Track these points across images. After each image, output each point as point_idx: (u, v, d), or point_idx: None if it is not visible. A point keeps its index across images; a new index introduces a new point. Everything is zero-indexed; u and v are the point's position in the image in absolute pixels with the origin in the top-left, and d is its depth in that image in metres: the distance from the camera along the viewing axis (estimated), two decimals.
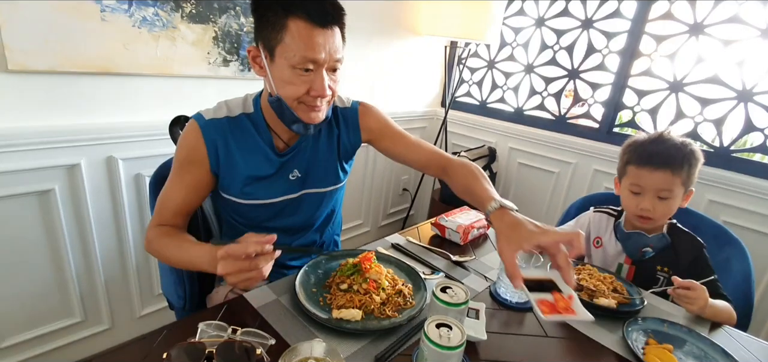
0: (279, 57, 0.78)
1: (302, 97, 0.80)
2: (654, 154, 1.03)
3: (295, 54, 0.76)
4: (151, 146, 1.40)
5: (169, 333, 0.69)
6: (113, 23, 1.22)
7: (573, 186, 2.19)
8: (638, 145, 1.08)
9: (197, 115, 0.86)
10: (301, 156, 0.94)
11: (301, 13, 0.74)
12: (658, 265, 1.09)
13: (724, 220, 1.71)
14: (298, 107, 0.82)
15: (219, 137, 0.85)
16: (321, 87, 0.79)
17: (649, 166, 1.04)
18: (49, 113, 1.20)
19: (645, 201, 1.05)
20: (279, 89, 0.81)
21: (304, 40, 0.75)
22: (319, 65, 0.78)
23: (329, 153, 0.99)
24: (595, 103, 2.12)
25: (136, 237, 1.50)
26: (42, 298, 1.34)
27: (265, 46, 0.79)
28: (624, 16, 1.95)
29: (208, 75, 1.49)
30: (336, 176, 1.01)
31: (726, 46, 1.69)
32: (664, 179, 1.02)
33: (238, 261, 0.67)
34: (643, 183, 1.05)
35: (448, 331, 0.60)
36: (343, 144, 1.01)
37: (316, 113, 0.84)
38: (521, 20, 2.32)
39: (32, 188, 1.21)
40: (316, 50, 0.76)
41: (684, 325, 0.85)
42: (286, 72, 0.78)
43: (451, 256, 1.08)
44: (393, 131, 1.04)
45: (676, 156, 1.02)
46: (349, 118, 1.01)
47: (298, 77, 0.78)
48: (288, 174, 0.93)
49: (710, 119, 1.78)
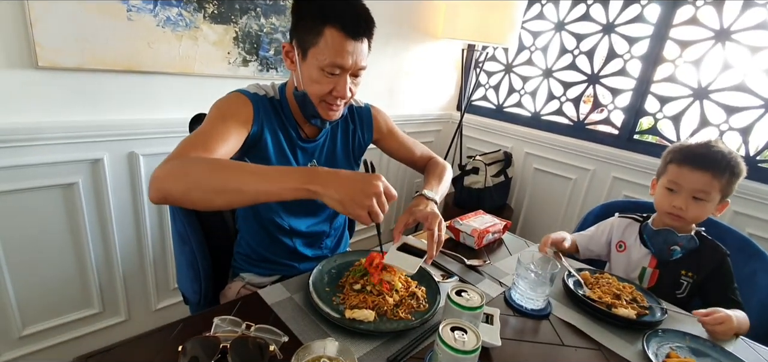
0: (311, 57, 0.84)
1: (325, 96, 0.88)
2: (697, 155, 1.03)
3: (325, 58, 0.83)
4: (171, 143, 1.41)
5: (185, 327, 0.70)
6: (138, 23, 1.25)
7: (590, 194, 2.15)
8: (684, 146, 1.08)
9: (239, 89, 0.92)
10: (319, 149, 1.02)
11: (337, 24, 0.81)
12: (683, 270, 1.08)
13: (750, 233, 1.66)
14: (320, 104, 0.90)
15: (262, 110, 0.91)
16: (343, 89, 0.87)
17: (690, 164, 1.03)
18: (75, 109, 1.23)
19: (679, 199, 1.04)
20: (306, 85, 0.88)
21: (336, 48, 0.82)
22: (345, 70, 0.85)
23: (344, 148, 1.07)
24: (616, 109, 2.08)
25: (154, 232, 1.53)
26: (63, 288, 1.38)
27: (299, 44, 0.86)
28: (647, 21, 1.90)
29: (228, 75, 1.52)
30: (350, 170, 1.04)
31: (754, 53, 1.64)
32: (702, 180, 1.01)
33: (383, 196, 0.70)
34: (681, 181, 1.04)
35: (463, 335, 0.59)
36: (358, 140, 1.09)
37: (334, 112, 0.91)
38: (540, 24, 2.30)
39: (57, 181, 1.25)
40: (345, 58, 0.83)
41: (707, 339, 0.82)
42: (314, 72, 0.85)
43: (465, 260, 1.07)
44: (397, 133, 1.17)
45: (719, 161, 1.01)
46: (363, 117, 1.10)
47: (325, 78, 0.85)
48: (307, 162, 1.00)
49: (736, 128, 1.73)
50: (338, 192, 0.66)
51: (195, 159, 0.73)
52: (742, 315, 0.91)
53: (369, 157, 0.93)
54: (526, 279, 0.88)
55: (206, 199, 0.69)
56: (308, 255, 1.05)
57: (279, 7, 1.57)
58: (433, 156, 1.21)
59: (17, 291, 1.28)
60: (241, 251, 1.05)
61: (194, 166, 0.70)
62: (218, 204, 0.71)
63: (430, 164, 1.18)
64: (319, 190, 0.67)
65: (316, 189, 0.67)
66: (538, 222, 2.40)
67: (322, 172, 0.69)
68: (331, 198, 0.67)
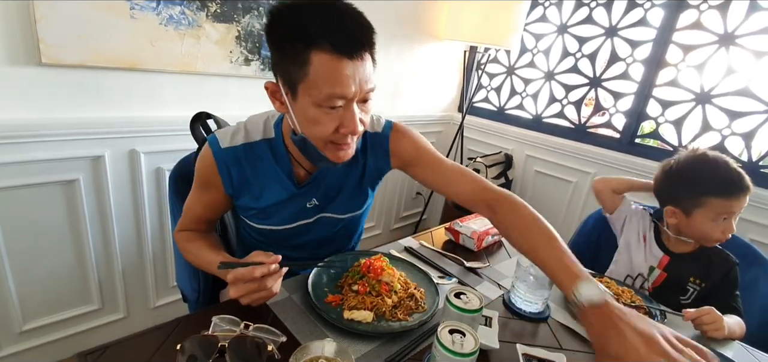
0: (302, 94, 0.68)
1: (330, 135, 0.71)
2: (736, 181, 1.03)
3: (320, 91, 0.66)
4: (172, 141, 1.43)
5: (183, 325, 0.70)
6: (142, 21, 1.26)
7: (591, 197, 2.14)
8: (718, 176, 1.05)
9: (213, 138, 0.82)
10: (320, 184, 0.88)
11: (325, 44, 0.64)
12: (692, 277, 1.09)
13: (752, 239, 1.65)
14: (326, 147, 0.74)
15: (233, 165, 0.81)
16: (352, 123, 0.70)
17: (736, 194, 1.03)
18: (77, 106, 1.24)
19: (731, 224, 1.05)
20: (304, 129, 0.72)
21: (331, 75, 0.65)
22: (350, 100, 0.69)
23: (352, 181, 0.92)
24: (617, 113, 2.07)
25: (154, 230, 1.54)
26: (63, 285, 1.38)
27: (286, 81, 0.70)
28: (650, 25, 1.90)
29: (230, 73, 1.52)
30: (358, 203, 0.95)
31: (759, 58, 1.63)
32: (742, 203, 1.04)
33: (247, 284, 0.68)
34: (734, 210, 1.05)
35: (461, 338, 0.59)
36: (369, 171, 0.92)
37: (346, 151, 0.75)
38: (543, 27, 2.29)
39: (58, 177, 1.25)
40: (345, 84, 0.66)
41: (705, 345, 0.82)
42: (310, 110, 0.69)
43: (464, 262, 1.07)
44: (428, 159, 0.91)
45: (746, 178, 1.04)
46: (378, 145, 0.91)
47: (325, 115, 0.69)
48: (305, 202, 0.88)
49: (738, 133, 1.72)
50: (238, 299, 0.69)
51: (183, 249, 0.90)
52: (735, 320, 0.92)
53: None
54: (525, 282, 0.88)
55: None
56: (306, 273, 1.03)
57: None
58: (502, 195, 0.84)
59: (18, 287, 1.29)
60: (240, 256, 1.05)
61: (183, 252, 0.90)
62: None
63: (528, 224, 0.78)
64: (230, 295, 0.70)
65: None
66: None
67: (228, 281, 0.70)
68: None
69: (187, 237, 0.90)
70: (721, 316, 0.88)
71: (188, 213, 0.90)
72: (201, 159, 0.84)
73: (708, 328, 0.87)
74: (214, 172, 0.82)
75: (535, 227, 0.76)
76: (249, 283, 0.68)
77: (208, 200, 0.88)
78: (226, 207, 0.93)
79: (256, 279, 0.68)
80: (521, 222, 0.79)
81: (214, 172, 0.82)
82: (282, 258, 0.72)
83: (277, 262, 0.70)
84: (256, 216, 0.89)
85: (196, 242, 0.88)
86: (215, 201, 0.88)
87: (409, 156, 0.92)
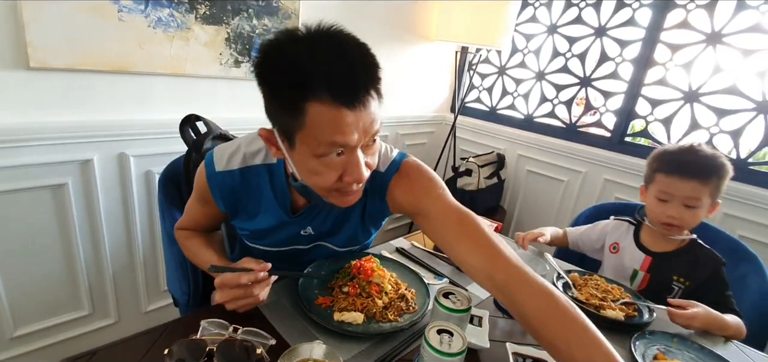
0: (300, 144, 0.62)
1: (334, 184, 0.65)
2: (684, 163, 1.04)
3: (319, 142, 0.60)
4: (162, 144, 1.42)
5: (171, 330, 0.70)
6: (130, 23, 1.25)
7: (582, 196, 2.16)
8: (669, 154, 1.08)
9: (209, 158, 0.78)
10: (315, 215, 0.83)
11: (323, 94, 0.56)
12: (675, 275, 1.09)
13: (741, 235, 1.67)
14: (330, 195, 0.68)
15: (226, 189, 0.79)
16: (356, 172, 0.63)
17: (678, 174, 1.04)
18: (65, 110, 1.23)
19: (671, 208, 1.05)
20: (304, 177, 0.67)
21: (331, 126, 0.58)
22: (353, 148, 0.62)
23: (351, 217, 0.86)
24: (607, 112, 2.09)
25: (145, 234, 1.53)
26: (53, 290, 1.37)
27: (281, 131, 0.64)
28: (639, 24, 1.92)
29: (220, 75, 1.51)
30: (357, 239, 0.91)
31: (746, 56, 1.65)
32: (692, 188, 1.02)
33: (233, 290, 0.68)
34: (671, 191, 1.05)
35: (449, 338, 0.59)
36: (369, 211, 0.85)
37: (352, 197, 0.70)
38: (533, 27, 2.31)
39: (47, 182, 1.24)
40: (347, 134, 0.59)
41: (694, 341, 0.83)
42: (310, 161, 0.63)
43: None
44: (432, 207, 0.75)
45: (706, 166, 1.02)
46: (377, 186, 0.81)
47: (326, 166, 0.63)
48: (299, 230, 0.84)
49: (727, 131, 1.74)
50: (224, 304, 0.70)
51: (182, 245, 0.92)
52: (733, 320, 0.91)
53: None
54: None
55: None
56: None
57: (272, 9, 1.56)
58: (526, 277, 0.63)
59: (9, 292, 1.27)
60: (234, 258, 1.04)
61: (183, 248, 0.92)
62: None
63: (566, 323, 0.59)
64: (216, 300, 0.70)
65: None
66: (531, 224, 2.40)
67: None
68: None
69: (186, 235, 0.92)
70: (703, 312, 0.87)
71: (188, 214, 0.91)
72: (197, 176, 0.83)
73: (693, 324, 0.86)
74: (207, 192, 0.81)
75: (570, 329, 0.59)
76: (235, 289, 0.68)
77: (205, 212, 0.88)
78: (223, 219, 0.93)
79: (242, 286, 0.68)
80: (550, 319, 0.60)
81: (207, 192, 0.81)
82: (272, 268, 0.71)
83: (266, 270, 0.70)
84: (249, 236, 0.88)
85: (194, 239, 0.89)
86: (212, 214, 0.87)
87: (407, 206, 0.79)
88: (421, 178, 0.79)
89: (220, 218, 0.91)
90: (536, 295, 0.61)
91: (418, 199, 0.77)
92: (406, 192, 0.78)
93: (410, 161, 0.81)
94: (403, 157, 0.82)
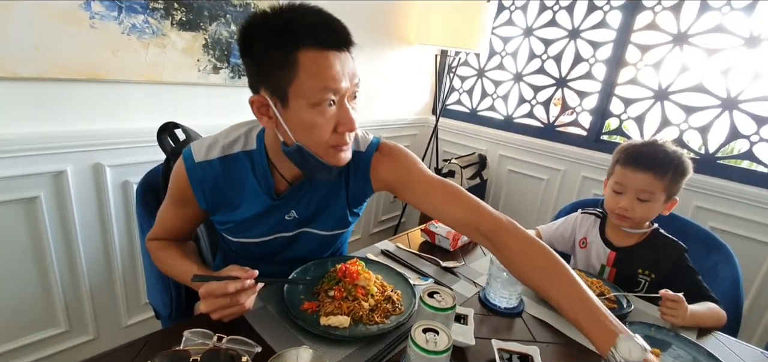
0: (294, 99, 0.67)
1: (330, 137, 0.70)
2: (639, 155, 1.06)
3: (314, 87, 0.66)
4: (139, 153, 1.39)
5: (153, 342, 0.68)
6: (102, 30, 1.22)
7: (562, 193, 2.22)
8: (629, 146, 1.10)
9: (187, 152, 0.78)
10: (299, 198, 0.85)
11: (311, 42, 0.65)
12: (640, 268, 1.11)
13: (712, 226, 1.74)
14: (327, 152, 0.72)
15: (208, 181, 0.78)
16: (349, 119, 0.70)
17: (632, 166, 1.06)
18: (36, 120, 1.18)
19: (625, 200, 1.07)
20: (299, 137, 0.70)
21: (323, 69, 0.66)
22: (342, 95, 0.69)
23: (335, 198, 0.88)
24: (583, 111, 2.15)
25: (123, 246, 1.48)
26: (26, 308, 1.31)
27: (274, 91, 0.68)
28: (610, 26, 1.98)
29: (198, 82, 1.49)
30: (342, 221, 0.92)
31: (710, 55, 1.73)
32: (645, 180, 1.04)
33: (219, 299, 0.67)
34: (625, 182, 1.07)
35: (434, 336, 0.60)
36: (352, 191, 0.88)
37: (346, 152, 0.75)
38: (510, 30, 2.36)
39: (18, 195, 1.20)
40: (337, 78, 0.67)
41: (671, 329, 0.86)
42: (306, 114, 0.68)
43: (440, 262, 1.09)
44: (415, 182, 0.83)
45: (662, 160, 1.03)
46: (359, 165, 0.86)
47: (322, 116, 0.68)
48: (283, 214, 0.85)
49: (695, 127, 1.81)
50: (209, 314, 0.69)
51: (156, 257, 0.87)
52: (707, 305, 0.94)
53: None
54: (498, 279, 0.90)
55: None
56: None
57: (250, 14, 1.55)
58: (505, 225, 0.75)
59: None
60: (217, 266, 1.03)
61: (156, 261, 0.87)
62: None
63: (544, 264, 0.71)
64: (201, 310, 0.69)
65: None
66: None
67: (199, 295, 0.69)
68: None
69: (159, 246, 0.87)
70: (686, 306, 0.89)
71: (161, 224, 0.87)
72: (174, 173, 0.80)
73: (666, 311, 0.89)
74: (187, 188, 0.79)
75: (551, 264, 0.70)
76: (221, 298, 0.67)
77: (183, 214, 0.85)
78: (201, 221, 0.90)
79: (228, 295, 0.67)
80: (534, 256, 0.71)
81: (187, 187, 0.78)
82: (259, 275, 0.71)
83: (252, 278, 0.69)
84: (233, 229, 0.86)
85: (169, 250, 0.85)
86: (190, 215, 0.85)
87: (391, 181, 0.86)
88: (402, 155, 0.86)
89: (198, 220, 0.88)
90: (519, 239, 0.74)
91: (401, 175, 0.84)
92: (390, 169, 0.85)
93: (388, 142, 0.89)
94: (380, 139, 0.89)
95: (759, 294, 1.70)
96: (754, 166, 1.74)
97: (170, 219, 0.86)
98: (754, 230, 1.69)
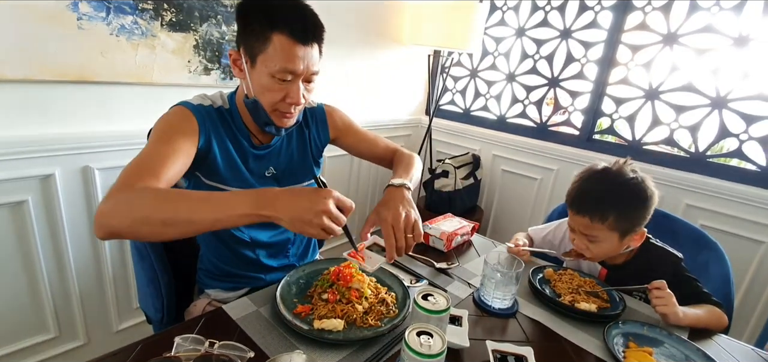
0: (260, 64, 0.82)
1: (278, 104, 0.85)
2: (582, 195, 1.00)
3: (275, 64, 0.80)
4: (129, 155, 1.33)
5: (144, 348, 0.67)
6: (90, 31, 1.20)
7: (555, 192, 2.23)
8: (577, 181, 1.03)
9: (182, 102, 0.88)
10: (275, 155, 0.99)
11: (285, 30, 0.78)
12: (633, 284, 1.04)
13: (702, 224, 1.76)
14: (273, 113, 0.87)
15: (208, 120, 0.87)
16: (296, 96, 0.84)
17: (573, 207, 1.01)
18: (23, 123, 1.16)
19: (577, 239, 1.03)
20: (257, 93, 0.85)
21: (286, 54, 0.79)
22: (297, 76, 0.83)
23: (302, 151, 1.04)
24: (575, 111, 2.16)
25: (113, 250, 1.46)
26: (14, 314, 1.29)
27: (247, 51, 0.83)
28: (601, 27, 2.00)
29: (189, 83, 1.47)
30: (310, 173, 1.06)
31: (700, 55, 1.75)
32: (584, 223, 0.99)
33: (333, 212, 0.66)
34: (572, 223, 1.04)
35: (428, 339, 0.59)
36: (314, 141, 1.07)
37: (289, 120, 0.89)
38: (502, 30, 2.37)
39: (4, 200, 1.17)
40: (296, 63, 0.81)
41: (663, 328, 0.86)
42: (265, 79, 0.82)
43: (434, 263, 1.08)
44: (355, 129, 1.14)
45: (599, 202, 0.96)
46: (317, 117, 1.08)
47: (276, 85, 0.83)
48: (263, 170, 0.97)
49: (685, 126, 1.83)
50: (287, 213, 0.64)
51: (141, 190, 0.68)
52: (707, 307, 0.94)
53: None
54: (492, 280, 0.90)
55: (156, 232, 0.66)
56: (273, 266, 1.02)
57: None
58: (399, 148, 1.16)
59: None
60: (204, 267, 1.02)
61: (140, 198, 0.67)
62: (170, 236, 0.67)
63: (396, 157, 1.12)
64: (271, 214, 0.65)
65: (268, 213, 0.65)
66: (508, 222, 2.46)
67: (270, 194, 0.66)
68: (282, 221, 0.65)
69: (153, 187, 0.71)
70: (672, 297, 0.89)
71: (146, 164, 0.74)
72: (173, 114, 0.85)
73: (656, 301, 0.89)
74: (192, 121, 0.84)
75: (405, 159, 1.07)
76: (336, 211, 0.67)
77: (178, 147, 0.78)
78: (188, 163, 0.82)
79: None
80: (401, 159, 1.08)
81: (192, 120, 0.84)
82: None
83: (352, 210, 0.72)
84: (217, 177, 0.89)
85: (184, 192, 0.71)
86: (185, 150, 0.79)
87: (342, 127, 1.11)
88: (340, 110, 1.13)
89: (187, 159, 0.81)
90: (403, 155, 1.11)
91: (344, 123, 1.12)
92: (340, 117, 1.12)
93: (327, 103, 1.12)
94: (322, 103, 1.11)
95: (749, 291, 1.72)
96: (743, 164, 1.76)
97: (160, 154, 0.76)
98: (744, 227, 1.71)
